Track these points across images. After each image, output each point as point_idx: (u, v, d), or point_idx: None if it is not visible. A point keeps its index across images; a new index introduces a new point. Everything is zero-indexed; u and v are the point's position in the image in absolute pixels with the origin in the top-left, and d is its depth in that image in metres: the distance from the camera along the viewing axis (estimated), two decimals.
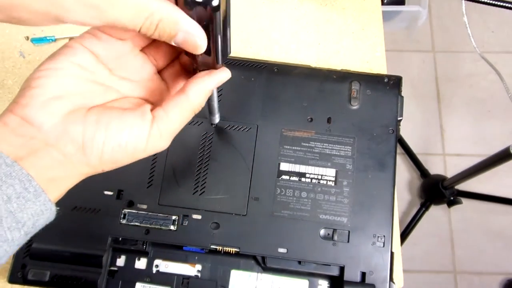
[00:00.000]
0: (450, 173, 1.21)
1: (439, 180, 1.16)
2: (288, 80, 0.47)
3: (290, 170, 0.44)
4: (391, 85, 0.47)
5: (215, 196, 0.43)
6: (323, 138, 0.45)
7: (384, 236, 0.42)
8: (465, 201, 1.17)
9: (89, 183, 0.28)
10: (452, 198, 1.14)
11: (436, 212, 1.23)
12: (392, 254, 0.42)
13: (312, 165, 0.44)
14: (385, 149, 0.45)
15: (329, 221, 0.43)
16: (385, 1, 1.14)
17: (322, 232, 0.42)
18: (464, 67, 1.36)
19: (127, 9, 0.23)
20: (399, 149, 1.26)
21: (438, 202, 1.19)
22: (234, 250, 0.41)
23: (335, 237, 0.42)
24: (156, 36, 0.24)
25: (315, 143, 0.45)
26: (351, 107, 0.46)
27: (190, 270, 0.42)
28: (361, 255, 0.42)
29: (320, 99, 0.47)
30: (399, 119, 0.46)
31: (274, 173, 0.44)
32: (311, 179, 0.44)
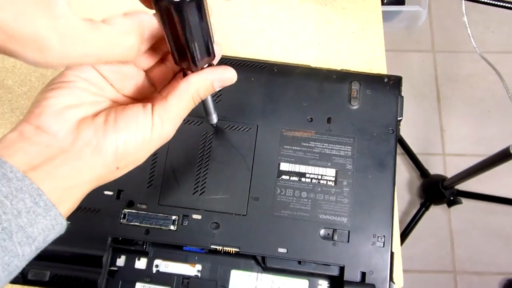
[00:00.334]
0: (450, 173, 1.21)
1: (439, 180, 1.16)
2: (288, 80, 0.47)
3: (290, 170, 0.44)
4: (391, 85, 0.47)
5: (215, 196, 0.43)
6: (323, 138, 0.45)
7: (384, 236, 0.42)
8: (465, 201, 1.17)
9: None
10: (452, 198, 1.14)
11: (436, 212, 1.23)
12: (392, 254, 0.42)
13: (312, 165, 0.44)
14: (385, 149, 0.45)
15: (329, 221, 0.43)
16: (385, 1, 1.14)
17: (322, 232, 0.42)
18: (464, 67, 1.36)
19: (95, 43, 0.23)
20: (399, 149, 1.26)
21: (438, 202, 1.19)
22: (234, 250, 0.41)
23: (335, 237, 0.42)
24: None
25: (315, 143, 0.45)
26: (351, 107, 0.46)
27: (190, 270, 0.42)
28: (361, 255, 0.42)
29: (320, 99, 0.47)
30: (399, 119, 0.46)
31: (274, 173, 0.44)
32: (311, 179, 0.44)
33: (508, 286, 1.18)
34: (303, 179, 0.44)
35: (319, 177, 0.44)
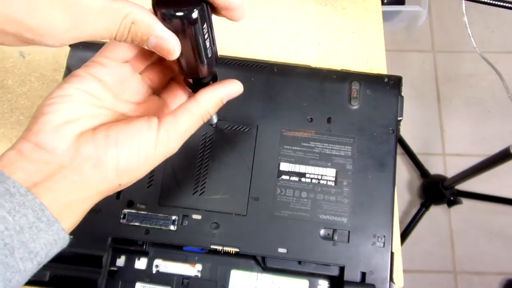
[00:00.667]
0: (450, 173, 1.21)
1: (439, 180, 1.16)
2: (288, 80, 0.47)
3: (290, 170, 0.44)
4: (391, 85, 0.47)
5: (215, 196, 0.43)
6: (323, 138, 0.45)
7: (384, 236, 0.42)
8: (465, 201, 1.17)
9: None
10: (452, 198, 1.14)
11: (436, 212, 1.23)
12: (392, 254, 0.42)
13: (312, 165, 0.44)
14: (385, 149, 0.45)
15: (329, 221, 0.43)
16: (385, 1, 1.14)
17: (322, 232, 0.42)
18: (464, 67, 1.36)
19: (102, 21, 0.23)
20: (399, 149, 1.26)
21: (438, 202, 1.19)
22: (234, 250, 0.41)
23: (335, 237, 0.42)
24: (129, 40, 0.25)
25: (315, 143, 0.45)
26: (351, 107, 0.46)
27: (190, 270, 0.42)
28: (361, 255, 0.42)
29: (320, 99, 0.47)
30: (399, 119, 0.46)
31: (274, 173, 0.44)
32: (311, 179, 0.44)
33: (508, 286, 1.18)
34: (303, 179, 0.44)
35: (319, 177, 0.44)
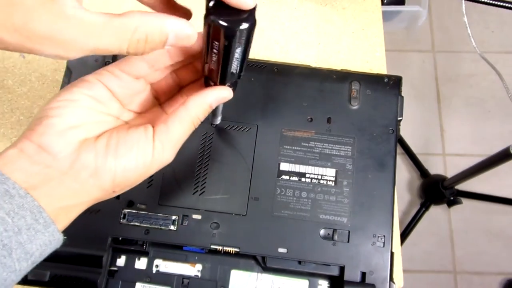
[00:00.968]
0: (450, 173, 1.21)
1: (439, 180, 1.16)
2: (288, 80, 0.47)
3: (290, 170, 0.44)
4: (391, 85, 0.47)
5: (215, 196, 0.43)
6: (323, 138, 0.45)
7: (384, 236, 0.42)
8: (465, 201, 1.17)
9: None
10: (452, 198, 1.14)
11: (436, 212, 1.23)
12: (392, 254, 0.42)
13: (312, 165, 0.44)
14: (385, 149, 0.45)
15: (329, 221, 0.43)
16: (385, 1, 1.14)
17: (322, 232, 0.42)
18: (464, 67, 1.36)
19: (107, 36, 0.22)
20: (399, 149, 1.26)
21: (438, 202, 1.19)
22: (234, 250, 0.41)
23: (335, 237, 0.42)
24: (148, 51, 0.24)
25: (315, 143, 0.45)
26: (351, 107, 0.46)
27: (190, 270, 0.42)
28: (361, 255, 0.42)
29: (320, 99, 0.47)
30: (399, 119, 0.46)
31: (274, 173, 0.44)
32: (311, 179, 0.44)
33: (508, 286, 1.18)
34: (303, 179, 0.44)
35: (319, 177, 0.44)
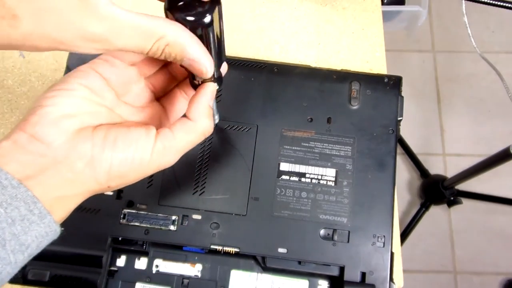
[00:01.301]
0: (450, 173, 1.21)
1: (439, 180, 1.16)
2: (288, 80, 0.47)
3: (290, 170, 0.44)
4: (391, 85, 0.47)
5: (215, 196, 0.43)
6: (323, 138, 0.45)
7: (384, 236, 0.42)
8: (465, 201, 1.17)
9: None
10: (452, 198, 1.14)
11: (436, 212, 1.23)
12: (392, 254, 0.42)
13: (312, 165, 0.44)
14: (385, 149, 0.45)
15: (329, 221, 0.43)
16: (385, 1, 1.14)
17: (322, 232, 0.42)
18: (464, 67, 1.36)
19: (135, 37, 0.23)
20: (399, 149, 1.26)
21: (438, 202, 1.19)
22: (234, 250, 0.41)
23: (335, 237, 0.42)
24: (161, 58, 0.25)
25: (315, 143, 0.45)
26: (351, 107, 0.46)
27: (190, 270, 0.42)
28: (361, 255, 0.42)
29: (320, 99, 0.47)
30: (399, 119, 0.46)
31: (274, 173, 0.44)
32: (311, 179, 0.44)
33: (508, 286, 1.18)
34: (303, 179, 0.44)
35: (319, 177, 0.44)
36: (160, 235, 0.42)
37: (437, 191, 1.16)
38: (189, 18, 0.24)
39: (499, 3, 0.50)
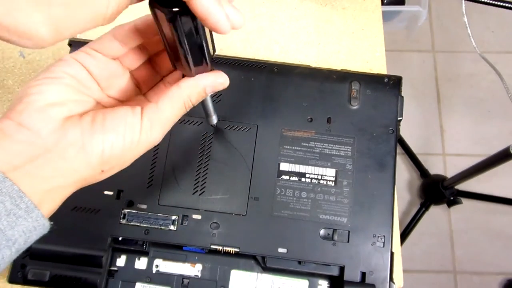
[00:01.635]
0: (450, 173, 1.21)
1: (439, 180, 1.16)
2: (288, 80, 0.47)
3: (290, 170, 0.44)
4: (391, 85, 0.47)
5: (215, 196, 0.43)
6: (323, 138, 0.45)
7: (384, 236, 0.42)
8: (465, 201, 1.17)
9: None
10: (452, 198, 1.14)
11: (436, 212, 1.23)
12: (392, 254, 0.42)
13: (312, 165, 0.44)
14: (385, 149, 0.45)
15: (329, 221, 0.43)
16: (385, 1, 1.14)
17: (322, 232, 0.42)
18: (464, 67, 1.35)
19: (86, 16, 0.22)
20: (399, 149, 1.25)
21: (438, 202, 1.19)
22: (234, 250, 0.41)
23: (335, 237, 0.42)
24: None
25: (315, 143, 0.45)
26: (351, 107, 0.46)
27: (190, 270, 0.42)
28: (361, 255, 0.42)
29: (320, 99, 0.47)
30: (399, 119, 0.46)
31: (274, 173, 0.44)
32: (311, 179, 0.44)
33: (508, 286, 1.18)
34: (303, 179, 0.44)
35: (319, 177, 0.44)
36: (160, 235, 0.42)
37: (437, 191, 1.16)
38: (161, 11, 0.24)
39: (499, 3, 0.50)
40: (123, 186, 0.43)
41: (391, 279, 0.41)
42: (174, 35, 0.25)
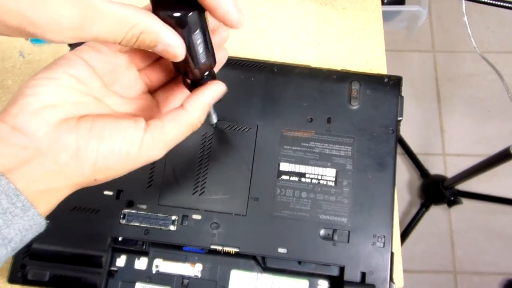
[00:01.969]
0: (450, 173, 1.21)
1: (439, 180, 1.16)
2: (288, 80, 0.47)
3: (290, 170, 0.44)
4: (391, 85, 0.47)
5: (215, 196, 0.43)
6: (323, 138, 0.45)
7: (384, 236, 0.42)
8: (465, 201, 1.17)
9: None
10: (452, 198, 1.14)
11: (436, 212, 1.23)
12: (392, 254, 0.42)
13: (312, 165, 0.44)
14: (385, 149, 0.45)
15: (329, 221, 0.43)
16: (385, 1, 1.14)
17: (322, 232, 0.42)
18: (464, 67, 1.36)
19: (108, 25, 0.22)
20: (399, 149, 1.26)
21: (438, 202, 1.19)
22: (234, 250, 0.41)
23: (335, 237, 0.42)
24: (135, 46, 0.24)
25: (315, 143, 0.45)
26: (351, 107, 0.46)
27: (190, 270, 0.42)
28: (361, 255, 0.42)
29: (320, 99, 0.47)
30: (399, 119, 0.46)
31: (274, 173, 0.44)
32: (311, 179, 0.44)
33: (508, 286, 1.18)
34: (303, 179, 0.44)
35: (319, 177, 0.44)
36: (160, 235, 0.42)
37: (437, 191, 1.16)
38: (175, 14, 0.24)
39: (499, 3, 0.50)
40: (123, 186, 0.43)
41: (391, 279, 0.41)
42: (183, 37, 0.25)
